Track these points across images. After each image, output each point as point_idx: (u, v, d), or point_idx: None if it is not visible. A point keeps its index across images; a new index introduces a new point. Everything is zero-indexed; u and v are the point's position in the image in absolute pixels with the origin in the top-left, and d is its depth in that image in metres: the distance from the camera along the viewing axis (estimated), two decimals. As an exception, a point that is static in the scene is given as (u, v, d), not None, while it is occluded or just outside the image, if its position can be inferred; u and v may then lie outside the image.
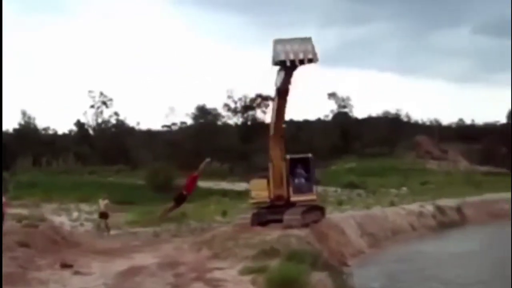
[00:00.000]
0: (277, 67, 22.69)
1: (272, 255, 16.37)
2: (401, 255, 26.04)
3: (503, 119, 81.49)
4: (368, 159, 74.40)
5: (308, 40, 22.50)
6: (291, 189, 24.31)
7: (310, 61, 22.23)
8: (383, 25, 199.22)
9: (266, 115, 75.63)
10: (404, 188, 47.84)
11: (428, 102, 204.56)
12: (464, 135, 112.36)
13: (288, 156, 24.83)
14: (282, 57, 21.99)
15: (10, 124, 77.19)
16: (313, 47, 22.27)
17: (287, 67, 22.42)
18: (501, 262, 23.75)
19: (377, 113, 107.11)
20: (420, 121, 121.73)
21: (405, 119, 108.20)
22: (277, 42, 22.31)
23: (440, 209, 36.64)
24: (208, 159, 25.77)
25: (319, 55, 22.33)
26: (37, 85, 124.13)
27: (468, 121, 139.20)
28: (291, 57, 21.95)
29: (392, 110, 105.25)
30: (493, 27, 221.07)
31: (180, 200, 24.41)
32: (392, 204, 35.64)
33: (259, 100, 75.88)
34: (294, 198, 24.33)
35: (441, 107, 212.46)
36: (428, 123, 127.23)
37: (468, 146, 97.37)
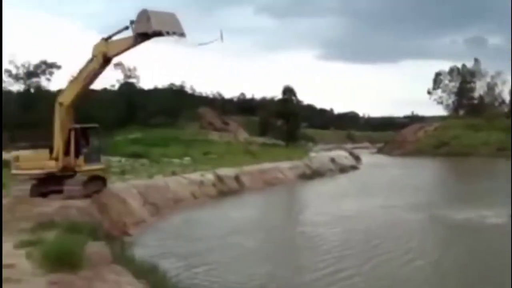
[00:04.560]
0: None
1: (50, 227, 16.09)
2: (180, 221, 27.11)
3: (279, 95, 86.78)
4: (153, 129, 74.90)
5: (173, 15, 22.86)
6: (79, 159, 24.03)
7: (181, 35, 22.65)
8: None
9: (50, 83, 72.36)
10: (187, 158, 49.03)
11: (212, 76, 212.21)
12: (245, 108, 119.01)
13: (76, 126, 24.35)
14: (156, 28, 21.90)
15: None
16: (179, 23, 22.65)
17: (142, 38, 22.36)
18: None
19: (163, 85, 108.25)
20: (204, 94, 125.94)
21: (189, 91, 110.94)
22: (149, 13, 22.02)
23: (219, 178, 38.40)
24: None
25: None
26: None
27: (248, 96, 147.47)
28: (165, 29, 22.15)
29: (177, 82, 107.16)
30: (274, 9, 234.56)
31: None
32: (174, 173, 36.45)
33: (43, 66, 72.16)
34: (83, 168, 24.09)
35: (224, 81, 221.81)
36: (211, 96, 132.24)
37: (248, 118, 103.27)
